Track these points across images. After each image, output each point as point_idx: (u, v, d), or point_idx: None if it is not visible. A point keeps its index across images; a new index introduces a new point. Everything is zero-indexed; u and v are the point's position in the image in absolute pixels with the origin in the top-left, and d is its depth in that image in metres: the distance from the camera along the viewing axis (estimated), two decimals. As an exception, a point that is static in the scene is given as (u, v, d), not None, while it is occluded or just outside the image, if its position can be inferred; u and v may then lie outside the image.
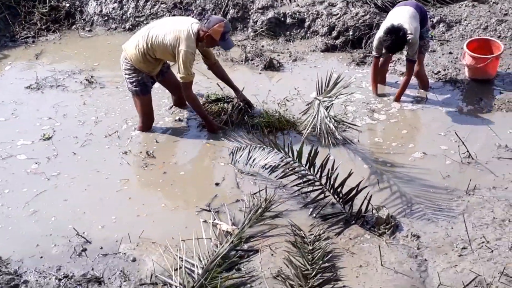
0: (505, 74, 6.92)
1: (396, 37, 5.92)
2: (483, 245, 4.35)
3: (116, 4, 8.90)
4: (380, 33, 6.19)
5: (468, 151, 5.48)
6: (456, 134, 5.64)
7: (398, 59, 7.28)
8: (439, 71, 7.05)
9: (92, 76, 7.30)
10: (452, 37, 7.80)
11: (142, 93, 5.97)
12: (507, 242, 4.34)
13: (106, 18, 8.91)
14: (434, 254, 4.35)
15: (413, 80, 6.69)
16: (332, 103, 5.78)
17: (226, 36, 5.69)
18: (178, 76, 5.71)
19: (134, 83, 5.90)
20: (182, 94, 6.06)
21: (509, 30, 7.60)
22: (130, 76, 5.89)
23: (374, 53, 6.43)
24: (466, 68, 6.85)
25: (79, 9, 9.07)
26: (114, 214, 4.99)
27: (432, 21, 7.93)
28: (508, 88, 6.65)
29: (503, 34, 7.60)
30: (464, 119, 6.17)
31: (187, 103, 6.19)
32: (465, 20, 7.92)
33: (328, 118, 5.66)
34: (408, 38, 5.95)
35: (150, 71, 5.93)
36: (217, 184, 5.32)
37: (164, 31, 5.65)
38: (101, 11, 8.96)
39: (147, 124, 6.17)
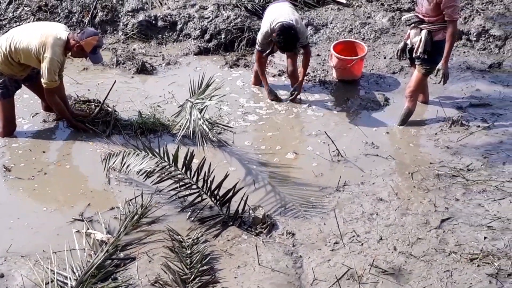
0: (370, 74, 7.29)
1: (289, 35, 6.08)
2: (354, 239, 4.55)
3: (-25, 7, 8.37)
4: (264, 28, 6.32)
5: (337, 149, 5.71)
6: (325, 133, 5.85)
7: (270, 61, 7.43)
8: (308, 73, 7.27)
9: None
10: (319, 40, 8.09)
11: (3, 96, 5.73)
12: (375, 235, 4.57)
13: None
14: (309, 250, 4.49)
15: (287, 81, 6.89)
16: (206, 105, 5.80)
17: (97, 50, 5.61)
18: (42, 81, 5.53)
19: None
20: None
21: (372, 32, 8.00)
22: None
23: (258, 47, 6.53)
24: (333, 69, 7.13)
25: None
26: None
27: (301, 25, 8.18)
28: (372, 88, 7.01)
29: (366, 36, 7.99)
30: (333, 119, 6.42)
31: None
32: (331, 23, 8.24)
33: (202, 120, 5.67)
34: (297, 29, 6.15)
35: (13, 74, 5.67)
36: (89, 189, 5.16)
37: (30, 36, 5.45)
38: (-42, 13, 8.38)
39: (8, 129, 5.90)
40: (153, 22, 8.23)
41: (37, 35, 5.44)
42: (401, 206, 4.92)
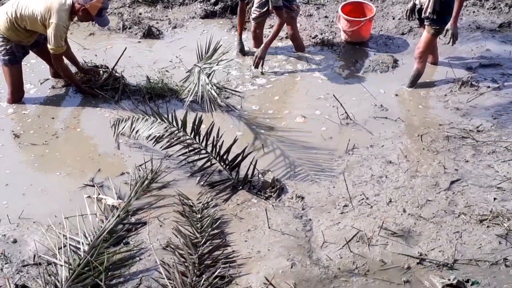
0: (378, 36, 7.21)
1: None
2: (363, 202, 4.57)
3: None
4: None
5: (346, 112, 5.69)
6: (334, 96, 5.83)
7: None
8: (316, 35, 7.21)
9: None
10: (327, 1, 7.98)
11: (10, 63, 5.72)
12: (384, 197, 4.58)
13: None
14: (318, 213, 4.52)
15: (291, 45, 6.85)
16: (213, 70, 5.78)
17: (103, 13, 5.55)
18: (49, 47, 5.50)
19: (2, 52, 5.65)
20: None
21: (381, -7, 7.89)
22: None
23: None
24: (341, 31, 7.06)
25: None
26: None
27: (308, -14, 8.07)
28: (381, 49, 6.94)
29: (375, -3, 7.88)
30: (342, 82, 6.38)
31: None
32: (339, -17, 8.13)
33: (210, 85, 5.66)
34: None
35: (20, 40, 5.65)
36: (99, 155, 5.20)
37: (35, 2, 5.42)
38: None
39: (16, 95, 5.91)
40: (158, -15, 8.13)
41: (42, 0, 5.40)
42: (410, 168, 4.92)
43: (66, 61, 5.85)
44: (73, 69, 6.04)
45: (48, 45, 5.50)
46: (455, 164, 4.94)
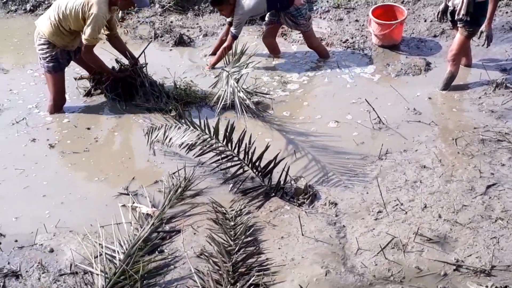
0: (410, 39, 7.14)
1: None
2: (397, 207, 4.52)
3: (14, -15, 8.48)
4: None
5: (378, 116, 5.64)
6: (366, 100, 5.78)
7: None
8: (347, 39, 7.18)
9: (-6, 62, 6.96)
10: (357, 5, 7.94)
11: (54, 70, 5.80)
12: (419, 203, 4.52)
13: (4, 0, 8.46)
14: (352, 219, 4.48)
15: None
16: (242, 74, 5.81)
17: None
18: (83, 38, 5.55)
19: (47, 59, 5.74)
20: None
21: (412, -5, 7.82)
22: (44, 51, 5.72)
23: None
24: (372, 35, 7.01)
25: (-27, -9, 8.57)
26: (28, 204, 4.82)
27: (337, -10, 8.05)
28: (413, 52, 6.88)
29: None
30: (374, 86, 6.34)
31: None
32: (370, -13, 8.08)
33: (240, 90, 5.67)
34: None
35: (65, 45, 5.74)
36: (133, 163, 5.25)
37: None
38: (-2, -8, 8.50)
39: (58, 103, 6.00)
40: (190, -7, 8.20)
41: None
42: (445, 173, 4.85)
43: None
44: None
45: (83, 36, 5.55)
46: (491, 168, 4.85)
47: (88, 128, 5.81)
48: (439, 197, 4.57)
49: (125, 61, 6.14)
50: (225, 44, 6.47)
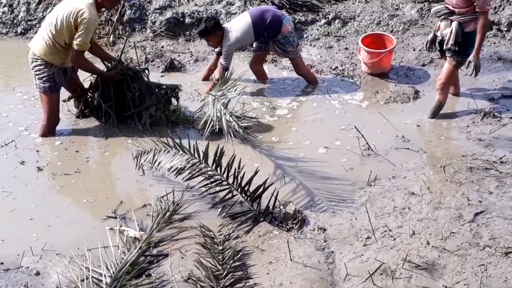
0: (399, 67, 7.23)
1: (205, 20, 6.47)
2: (386, 234, 4.52)
3: (6, 8, 8.51)
4: None
5: (367, 143, 5.67)
6: (355, 127, 5.82)
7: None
8: (336, 67, 7.25)
9: (-17, 84, 6.94)
10: (347, 33, 8.04)
11: (50, 90, 5.80)
12: (408, 229, 4.53)
13: (-4, 23, 8.51)
14: (341, 245, 4.47)
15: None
16: (229, 99, 5.84)
17: None
18: (75, 43, 5.55)
19: (44, 78, 5.73)
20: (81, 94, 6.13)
21: (401, 24, 7.94)
22: (40, 72, 5.72)
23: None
24: (362, 62, 7.09)
25: (-35, 14, 8.58)
26: (13, 227, 4.77)
27: (328, 18, 8.15)
28: (402, 80, 6.96)
29: (395, 28, 7.92)
30: (363, 112, 6.39)
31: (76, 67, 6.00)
32: (359, 16, 8.19)
33: (227, 114, 5.69)
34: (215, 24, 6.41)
35: (62, 62, 5.76)
36: (121, 186, 5.22)
37: (63, 10, 5.54)
38: (-11, 15, 8.52)
39: (51, 124, 5.99)
40: (181, 19, 8.28)
41: (68, 6, 5.52)
42: (433, 200, 4.87)
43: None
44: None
45: (74, 42, 5.55)
46: (479, 195, 4.88)
47: (77, 151, 5.80)
48: (428, 224, 4.58)
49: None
50: (216, 76, 6.54)
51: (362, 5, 8.41)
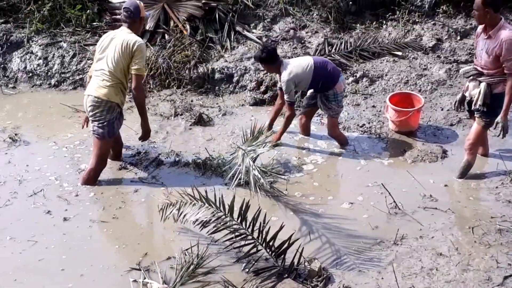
0: (427, 126, 7.21)
1: (264, 49, 6.50)
2: (413, 295, 4.43)
3: (41, 61, 8.75)
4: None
5: (394, 201, 5.62)
6: (382, 185, 5.79)
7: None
8: (363, 124, 7.27)
9: (16, 134, 7.06)
10: (375, 91, 8.08)
11: (109, 136, 5.88)
12: (435, 291, 4.44)
13: (30, 74, 8.71)
14: (366, 305, 4.40)
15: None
16: (258, 154, 5.87)
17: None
18: (133, 71, 5.67)
19: (104, 123, 5.78)
20: (120, 149, 6.31)
21: (429, 84, 7.95)
22: (102, 117, 5.77)
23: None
24: (389, 121, 7.10)
25: (2, 65, 8.82)
26: (42, 278, 4.78)
27: (356, 76, 8.21)
28: (429, 139, 6.93)
29: (423, 88, 7.94)
30: (390, 170, 6.36)
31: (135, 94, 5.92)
32: (387, 75, 8.24)
33: (255, 169, 5.70)
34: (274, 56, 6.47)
35: (123, 101, 5.94)
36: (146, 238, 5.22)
37: (113, 50, 5.71)
38: (25, 67, 8.74)
39: (98, 168, 6.01)
40: (211, 75, 8.40)
41: (116, 43, 5.69)
42: (461, 261, 4.78)
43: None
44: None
45: (133, 69, 5.67)
46: (508, 258, 4.78)
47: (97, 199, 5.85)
48: (456, 286, 4.49)
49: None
50: (287, 114, 6.65)
51: (390, 64, 8.46)
